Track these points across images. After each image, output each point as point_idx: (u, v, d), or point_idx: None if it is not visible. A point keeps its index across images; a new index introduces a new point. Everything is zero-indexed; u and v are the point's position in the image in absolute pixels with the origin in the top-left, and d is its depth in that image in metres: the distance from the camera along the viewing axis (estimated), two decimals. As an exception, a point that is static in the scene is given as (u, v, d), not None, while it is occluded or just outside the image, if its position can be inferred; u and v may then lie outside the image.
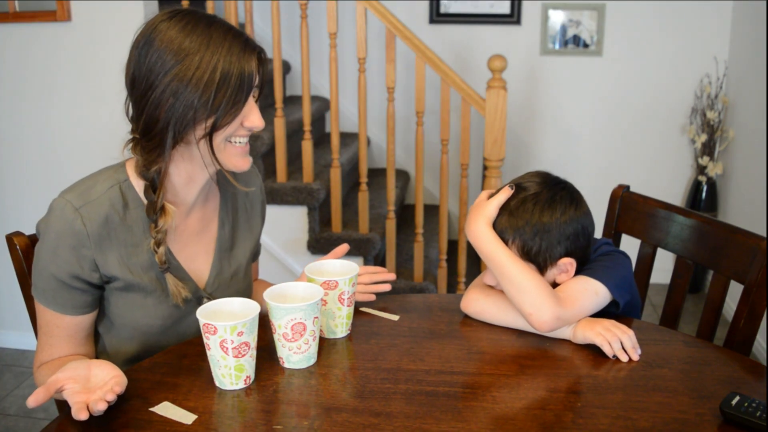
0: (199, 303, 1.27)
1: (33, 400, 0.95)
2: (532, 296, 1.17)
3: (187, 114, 1.12)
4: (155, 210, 1.18)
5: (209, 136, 1.15)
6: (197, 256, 1.30)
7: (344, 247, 1.39)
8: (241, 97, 1.14)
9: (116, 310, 1.23)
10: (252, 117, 1.18)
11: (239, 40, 1.15)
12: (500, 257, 1.20)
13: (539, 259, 1.22)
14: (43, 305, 1.19)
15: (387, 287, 1.39)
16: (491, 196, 1.26)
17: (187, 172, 1.22)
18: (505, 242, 1.22)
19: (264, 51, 1.20)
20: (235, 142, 1.19)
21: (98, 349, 1.30)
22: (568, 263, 1.24)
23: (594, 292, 1.21)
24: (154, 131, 1.14)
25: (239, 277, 1.35)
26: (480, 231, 1.22)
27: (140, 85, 1.13)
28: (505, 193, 1.24)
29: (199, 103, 1.11)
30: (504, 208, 1.23)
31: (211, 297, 1.29)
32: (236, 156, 1.20)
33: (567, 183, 1.28)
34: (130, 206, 1.20)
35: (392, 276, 1.40)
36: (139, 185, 1.21)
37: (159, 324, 1.24)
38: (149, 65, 1.12)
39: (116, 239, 1.18)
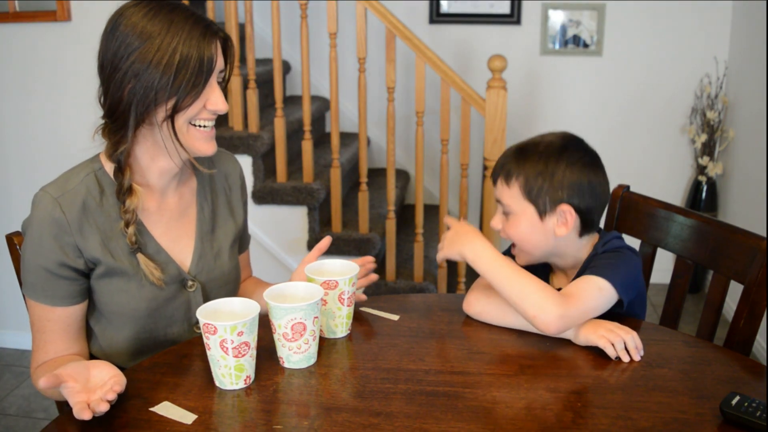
0: (184, 286, 1.30)
1: (44, 381, 0.96)
2: (534, 298, 1.16)
3: (149, 95, 1.16)
4: (123, 191, 1.21)
5: (171, 118, 1.18)
6: (179, 240, 1.31)
7: (327, 240, 1.38)
8: (201, 80, 1.18)
9: (102, 298, 1.24)
10: (214, 99, 1.21)
11: (200, 25, 1.18)
12: (501, 271, 1.20)
13: (539, 201, 1.24)
14: (33, 300, 1.21)
15: (374, 278, 1.39)
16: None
17: (153, 155, 1.24)
18: (508, 179, 1.25)
19: (228, 37, 1.23)
20: (199, 126, 1.22)
21: (94, 349, 1.31)
22: (567, 211, 1.24)
23: (598, 289, 1.20)
24: (117, 112, 1.19)
25: (223, 260, 1.36)
26: (479, 248, 1.23)
27: (106, 68, 1.19)
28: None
29: (159, 84, 1.15)
30: (515, 148, 1.26)
31: (196, 279, 1.31)
32: (200, 140, 1.23)
33: (591, 149, 1.30)
34: (106, 192, 1.23)
35: (370, 259, 1.38)
36: (112, 171, 1.24)
37: (144, 307, 1.25)
38: (114, 49, 1.17)
39: (95, 224, 1.21)
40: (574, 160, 1.25)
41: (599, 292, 1.20)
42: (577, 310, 1.17)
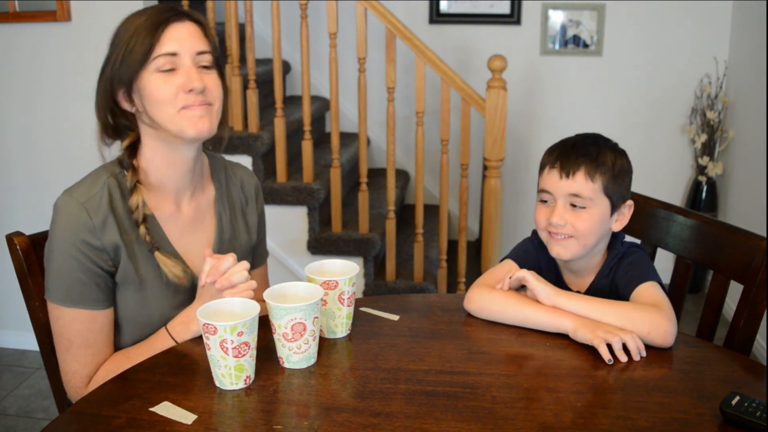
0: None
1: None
2: (639, 317, 1.19)
3: (106, 83, 1.24)
4: (128, 190, 1.23)
5: (128, 94, 1.22)
6: (194, 246, 1.31)
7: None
8: (138, 59, 1.19)
9: (117, 303, 1.25)
10: (186, 80, 1.19)
11: (151, 14, 1.21)
12: (594, 306, 1.22)
13: (614, 197, 1.30)
14: (73, 308, 1.20)
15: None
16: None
17: (163, 153, 1.25)
18: (592, 175, 1.28)
19: (199, 20, 1.24)
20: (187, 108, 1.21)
21: None
22: (630, 205, 1.34)
23: (657, 287, 1.27)
24: (98, 114, 1.25)
25: None
26: (563, 299, 1.24)
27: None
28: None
29: (111, 72, 1.22)
30: (578, 151, 1.30)
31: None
32: (189, 119, 1.20)
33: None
34: (126, 195, 1.24)
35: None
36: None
37: (158, 315, 1.26)
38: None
39: (118, 228, 1.21)
40: (626, 156, 1.35)
41: (659, 289, 1.27)
42: (670, 310, 1.22)
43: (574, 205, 1.29)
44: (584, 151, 1.30)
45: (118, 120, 1.26)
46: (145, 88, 1.19)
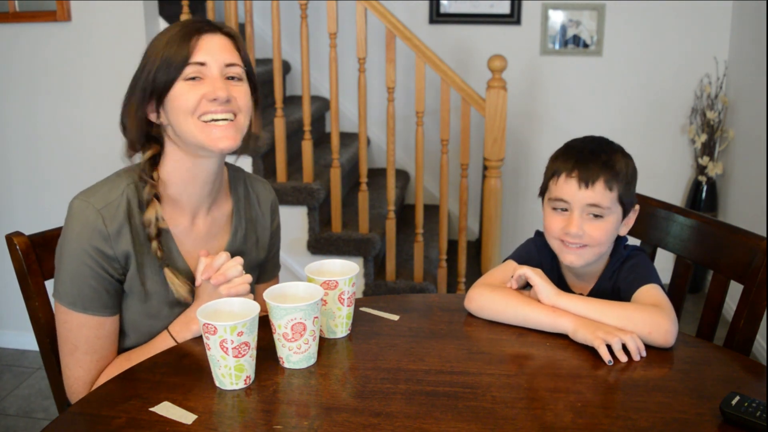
0: None
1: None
2: (640, 317, 1.19)
3: (136, 93, 1.21)
4: (144, 204, 1.21)
5: (157, 108, 1.20)
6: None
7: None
8: (171, 75, 1.18)
9: (122, 309, 1.25)
10: (211, 89, 1.18)
11: (183, 26, 1.21)
12: (594, 306, 1.22)
13: (627, 205, 1.30)
14: (84, 313, 1.19)
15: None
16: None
17: (186, 167, 1.24)
18: (610, 184, 1.26)
19: (232, 33, 1.24)
20: (212, 120, 1.19)
21: None
22: (636, 209, 1.33)
23: (658, 290, 1.27)
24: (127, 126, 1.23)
25: None
26: (564, 300, 1.24)
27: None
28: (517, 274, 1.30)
29: (141, 83, 1.19)
30: (596, 159, 1.26)
31: None
32: (212, 133, 1.19)
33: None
34: (144, 206, 1.23)
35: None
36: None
37: (161, 325, 1.26)
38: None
39: (132, 237, 1.20)
40: (633, 160, 1.33)
41: (660, 290, 1.27)
42: (672, 311, 1.21)
43: (593, 215, 1.27)
44: (601, 160, 1.27)
45: (147, 131, 1.24)
46: (173, 98, 1.18)
